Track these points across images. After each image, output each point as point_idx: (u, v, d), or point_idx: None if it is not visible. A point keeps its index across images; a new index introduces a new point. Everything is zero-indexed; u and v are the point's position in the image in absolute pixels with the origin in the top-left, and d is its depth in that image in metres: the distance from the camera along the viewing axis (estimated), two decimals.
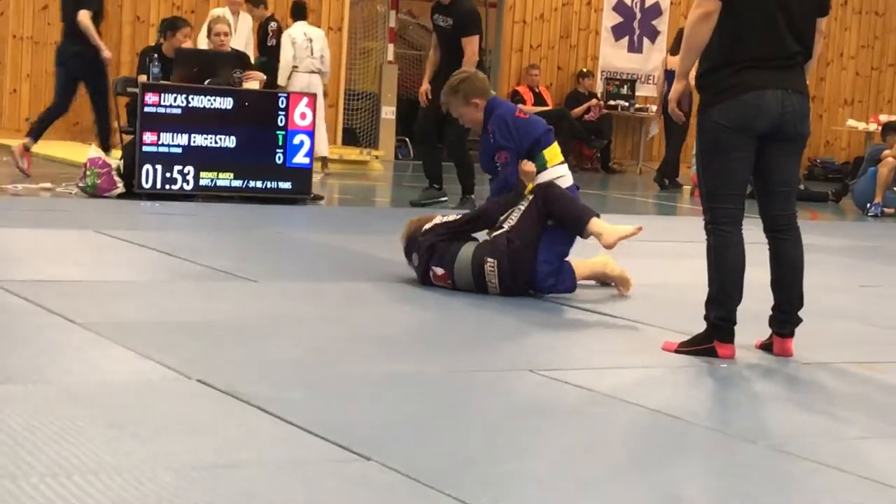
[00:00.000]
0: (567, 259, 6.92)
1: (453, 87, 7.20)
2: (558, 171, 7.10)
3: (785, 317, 5.61)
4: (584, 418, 4.47)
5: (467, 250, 6.80)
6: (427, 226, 6.97)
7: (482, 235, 7.01)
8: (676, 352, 5.56)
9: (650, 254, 9.07)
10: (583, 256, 7.15)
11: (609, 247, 6.82)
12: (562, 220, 6.83)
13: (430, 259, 6.85)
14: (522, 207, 6.83)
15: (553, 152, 7.10)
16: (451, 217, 7.06)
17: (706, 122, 5.48)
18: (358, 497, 3.42)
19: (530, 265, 6.72)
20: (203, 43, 13.20)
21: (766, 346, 5.69)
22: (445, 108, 7.52)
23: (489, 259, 6.71)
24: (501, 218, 6.88)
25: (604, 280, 7.21)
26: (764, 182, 5.60)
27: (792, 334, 5.63)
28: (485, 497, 3.44)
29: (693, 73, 5.57)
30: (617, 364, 5.48)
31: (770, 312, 5.65)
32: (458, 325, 6.15)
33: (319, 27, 15.26)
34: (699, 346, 5.53)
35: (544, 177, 7.00)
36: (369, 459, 3.70)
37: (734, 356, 5.49)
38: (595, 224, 6.82)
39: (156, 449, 3.68)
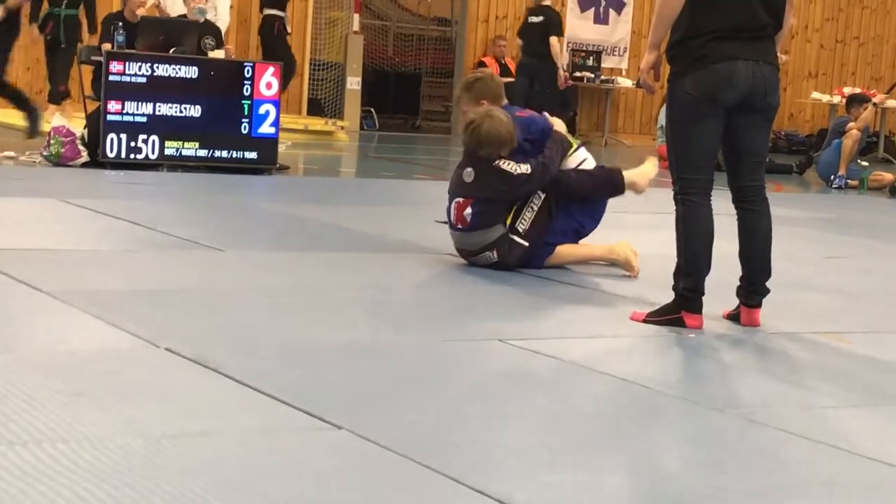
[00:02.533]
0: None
1: (466, 84, 7.15)
2: (580, 154, 7.09)
3: (753, 287, 5.63)
4: (554, 387, 4.48)
5: (495, 230, 6.68)
6: (503, 165, 6.67)
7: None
8: (645, 321, 5.57)
9: (619, 225, 9.08)
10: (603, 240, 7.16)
11: (643, 191, 7.21)
12: (596, 196, 6.96)
13: (476, 201, 6.69)
14: (535, 207, 6.78)
15: (571, 139, 7.14)
16: (523, 169, 6.70)
17: (676, 92, 5.48)
18: (328, 465, 3.41)
19: (527, 263, 6.76)
20: (179, 8, 13.15)
21: (734, 317, 5.71)
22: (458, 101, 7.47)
23: (494, 255, 6.68)
24: (516, 211, 6.79)
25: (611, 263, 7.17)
26: (733, 153, 5.61)
27: (759, 304, 5.65)
28: (455, 465, 3.44)
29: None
30: (586, 334, 5.49)
31: (738, 283, 5.67)
32: (428, 295, 6.15)
33: None
34: (667, 317, 5.54)
35: (569, 164, 6.98)
36: (340, 428, 3.69)
37: (702, 326, 5.51)
38: (626, 178, 7.06)
39: (125, 417, 3.66)
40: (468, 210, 6.67)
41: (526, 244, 6.69)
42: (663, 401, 4.40)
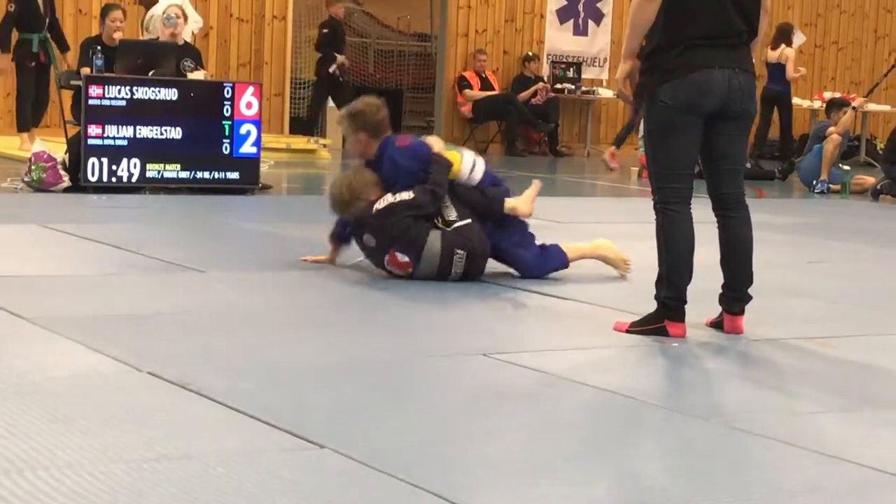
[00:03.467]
0: (555, 243, 7.01)
1: (350, 112, 7.11)
2: (467, 161, 7.03)
3: (735, 294, 5.64)
4: (538, 400, 4.47)
5: (435, 240, 6.68)
6: (380, 205, 6.74)
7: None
8: (628, 332, 5.57)
9: (600, 235, 9.09)
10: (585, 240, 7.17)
11: (528, 214, 6.95)
12: (477, 210, 6.87)
13: (393, 244, 6.69)
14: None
15: (451, 154, 7.00)
16: (404, 196, 6.76)
17: (653, 102, 5.48)
18: (312, 484, 3.41)
19: (489, 251, 6.79)
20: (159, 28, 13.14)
21: (717, 324, 5.71)
22: None
23: (459, 251, 6.67)
24: (446, 207, 6.81)
25: (602, 261, 7.20)
26: (711, 161, 5.62)
27: (742, 312, 5.65)
28: (440, 481, 3.43)
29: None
30: (569, 346, 5.48)
31: (720, 291, 5.67)
32: (410, 311, 6.13)
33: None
34: (650, 326, 5.54)
35: (460, 177, 6.96)
36: (323, 447, 3.69)
37: (685, 335, 5.51)
38: (508, 203, 6.90)
39: (107, 442, 3.65)
40: (399, 255, 6.69)
41: (469, 220, 6.77)
42: (647, 411, 4.40)
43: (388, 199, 6.73)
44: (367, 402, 4.31)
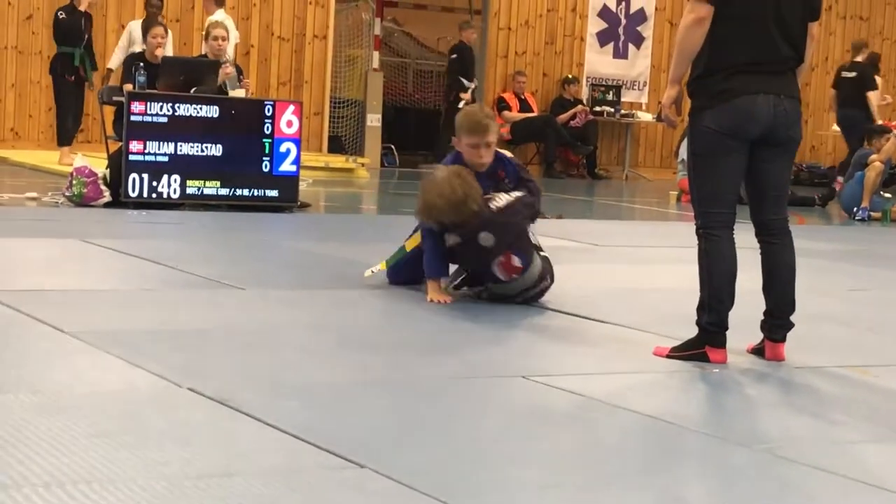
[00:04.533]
0: None
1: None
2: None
3: (777, 322, 5.60)
4: (578, 424, 4.45)
5: (537, 257, 6.64)
6: (499, 203, 6.52)
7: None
8: (668, 357, 5.54)
9: (639, 259, 9.07)
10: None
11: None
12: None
13: (513, 245, 6.53)
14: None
15: None
16: (520, 195, 6.62)
17: (698, 127, 5.47)
18: (353, 503, 3.40)
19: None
20: (201, 47, 13.22)
21: (758, 351, 5.68)
22: None
23: (547, 279, 6.70)
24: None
25: None
26: (756, 186, 5.59)
27: (784, 339, 5.61)
28: (480, 503, 3.42)
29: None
30: (609, 369, 5.46)
31: (762, 317, 5.64)
32: (451, 331, 6.12)
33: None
34: (691, 352, 5.51)
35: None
36: (363, 467, 3.68)
37: (726, 361, 5.48)
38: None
39: (148, 458, 3.65)
40: (515, 258, 6.58)
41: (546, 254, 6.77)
42: (688, 437, 4.37)
43: (505, 197, 6.60)
44: (407, 423, 4.30)
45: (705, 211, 5.50)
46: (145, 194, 10.54)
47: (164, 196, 10.60)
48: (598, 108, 19.43)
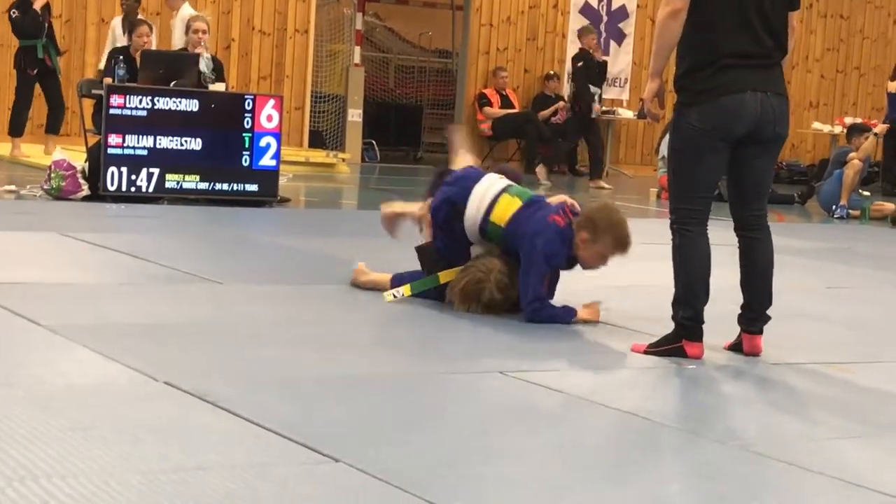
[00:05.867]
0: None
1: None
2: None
3: (754, 315, 5.61)
4: (555, 420, 4.45)
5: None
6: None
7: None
8: (646, 353, 5.55)
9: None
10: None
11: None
12: None
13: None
14: None
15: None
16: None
17: (682, 124, 5.46)
18: (327, 499, 3.40)
19: None
20: (180, 41, 13.18)
21: (736, 347, 5.69)
22: None
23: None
24: None
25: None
26: (738, 183, 5.60)
27: (761, 331, 5.63)
28: (456, 499, 3.42)
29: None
30: (586, 365, 5.47)
31: (739, 311, 5.65)
32: (428, 327, 6.11)
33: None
34: (668, 346, 5.52)
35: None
36: (338, 461, 3.67)
37: (702, 355, 5.49)
38: None
39: (123, 452, 3.64)
40: None
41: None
42: (665, 433, 4.37)
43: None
44: (383, 418, 4.30)
45: (680, 207, 5.50)
46: (124, 188, 10.50)
47: (143, 190, 10.57)
48: None
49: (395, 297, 6.47)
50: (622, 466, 3.95)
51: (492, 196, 6.42)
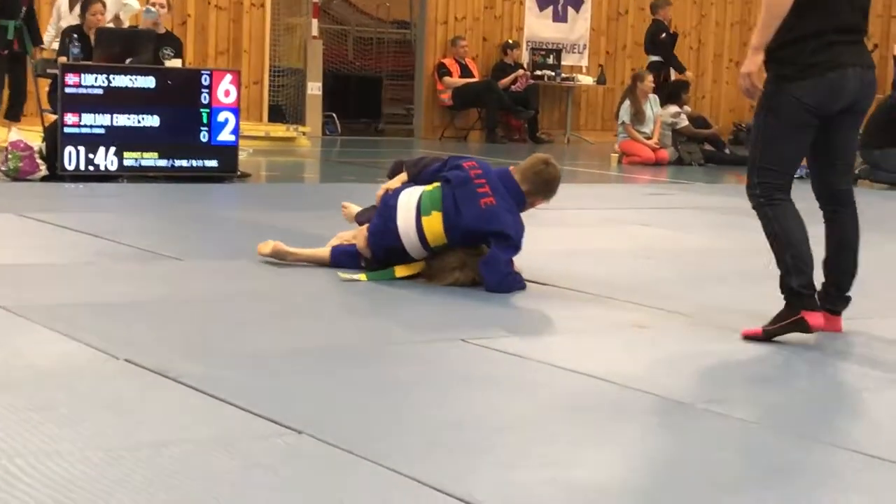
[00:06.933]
0: None
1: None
2: None
3: (841, 293, 5.44)
4: (518, 386, 4.46)
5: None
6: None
7: None
8: (764, 334, 5.25)
9: (580, 222, 9.09)
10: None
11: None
12: None
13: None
14: None
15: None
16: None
17: (782, 97, 5.24)
18: (290, 470, 3.39)
19: None
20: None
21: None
22: None
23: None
24: None
25: None
26: (827, 156, 5.41)
27: (843, 311, 5.47)
28: (418, 466, 3.42)
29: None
30: (549, 331, 5.47)
31: (822, 288, 5.44)
32: (388, 298, 6.10)
33: None
34: (787, 322, 5.23)
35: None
36: (301, 433, 3.67)
37: (823, 324, 5.28)
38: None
39: (85, 430, 3.62)
40: None
41: None
42: (629, 396, 4.38)
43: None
44: (346, 389, 4.29)
45: (766, 181, 5.31)
46: (82, 167, 10.43)
47: (102, 168, 10.50)
48: (538, 73, 19.44)
49: (350, 278, 6.40)
50: (586, 429, 3.96)
51: (415, 226, 6.31)
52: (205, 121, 10.89)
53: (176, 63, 11.34)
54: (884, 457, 3.72)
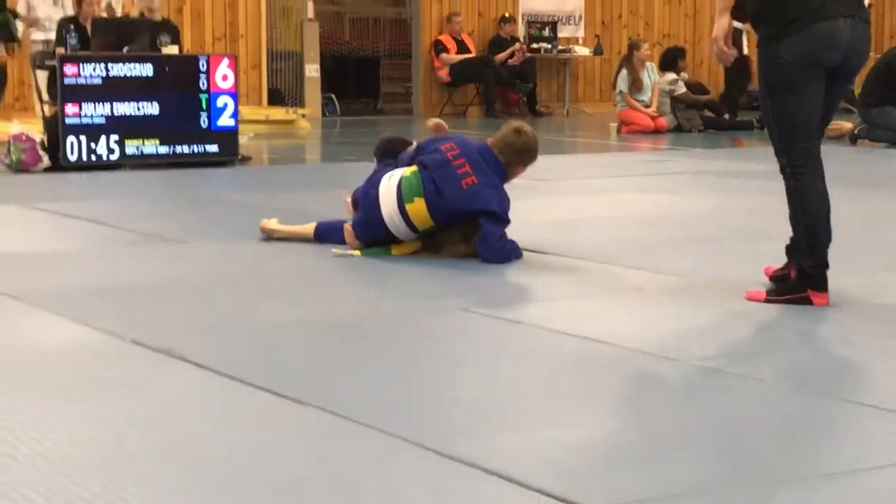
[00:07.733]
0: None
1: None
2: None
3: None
4: (518, 352, 4.52)
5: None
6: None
7: None
8: (766, 301, 5.20)
9: (581, 191, 9.14)
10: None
11: None
12: None
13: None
14: None
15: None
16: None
17: (772, 60, 5.06)
18: (293, 440, 3.46)
19: None
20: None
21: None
22: None
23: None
24: None
25: None
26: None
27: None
28: (419, 430, 3.48)
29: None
30: (549, 297, 5.53)
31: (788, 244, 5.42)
32: (389, 271, 6.16)
33: None
34: (791, 295, 5.18)
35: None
36: (304, 404, 3.74)
37: (829, 304, 5.20)
38: None
39: (94, 409, 3.70)
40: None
41: None
42: (629, 357, 4.43)
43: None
44: (347, 359, 4.37)
45: (788, 147, 5.13)
46: (84, 157, 10.49)
47: (104, 158, 10.56)
48: (535, 46, 19.42)
49: (344, 253, 6.45)
50: (589, 392, 4.02)
51: (398, 213, 6.33)
52: (204, 106, 10.94)
53: (173, 50, 11.39)
54: None
